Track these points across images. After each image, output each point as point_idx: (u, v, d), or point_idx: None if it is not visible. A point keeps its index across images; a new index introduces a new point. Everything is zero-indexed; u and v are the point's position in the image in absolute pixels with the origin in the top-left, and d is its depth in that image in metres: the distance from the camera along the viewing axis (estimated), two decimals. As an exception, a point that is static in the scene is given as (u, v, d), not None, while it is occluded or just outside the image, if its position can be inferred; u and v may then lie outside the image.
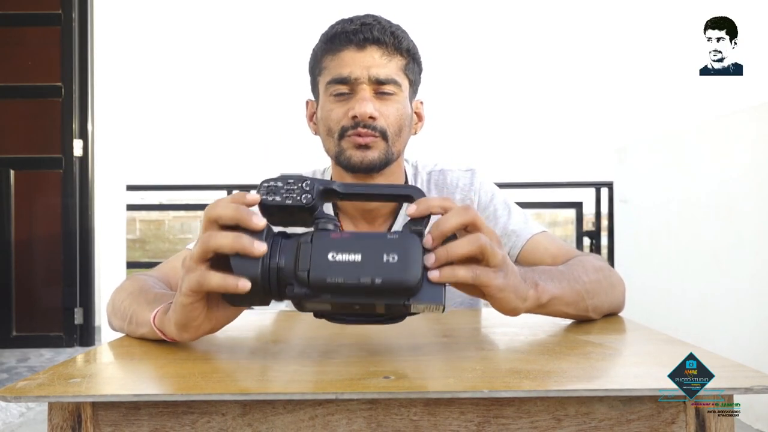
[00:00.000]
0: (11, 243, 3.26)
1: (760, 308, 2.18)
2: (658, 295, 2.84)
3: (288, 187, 0.61)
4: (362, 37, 0.95)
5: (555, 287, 0.71)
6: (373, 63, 0.95)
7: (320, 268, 0.56)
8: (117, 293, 0.83)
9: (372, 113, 0.94)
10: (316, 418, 0.54)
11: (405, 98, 0.99)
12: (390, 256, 0.56)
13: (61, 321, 3.26)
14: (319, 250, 0.56)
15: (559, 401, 0.54)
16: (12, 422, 2.28)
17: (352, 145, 0.95)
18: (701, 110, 2.77)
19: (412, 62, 1.00)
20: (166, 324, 0.66)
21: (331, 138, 0.97)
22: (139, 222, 9.16)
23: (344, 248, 0.56)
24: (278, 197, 0.61)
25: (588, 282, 0.77)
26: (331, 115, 0.96)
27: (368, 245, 0.56)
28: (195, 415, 0.54)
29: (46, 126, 3.28)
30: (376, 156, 0.95)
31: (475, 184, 1.07)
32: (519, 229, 1.01)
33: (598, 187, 4.11)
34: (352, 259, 0.56)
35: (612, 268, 0.89)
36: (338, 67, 0.96)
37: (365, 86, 0.95)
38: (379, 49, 0.95)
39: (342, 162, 0.97)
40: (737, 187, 2.35)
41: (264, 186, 0.61)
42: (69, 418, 0.54)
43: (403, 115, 0.98)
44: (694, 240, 2.65)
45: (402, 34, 0.98)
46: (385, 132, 0.95)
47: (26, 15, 3.29)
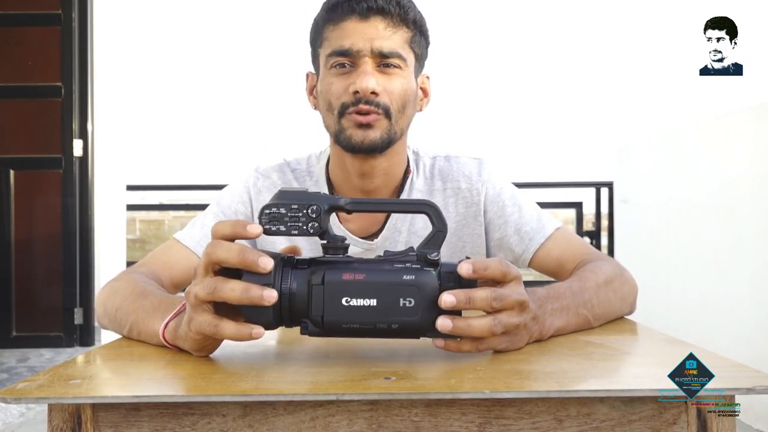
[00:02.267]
0: (11, 243, 3.26)
1: (760, 308, 2.18)
2: (658, 295, 2.84)
3: (292, 215, 0.58)
4: (366, 6, 0.88)
5: (560, 320, 0.70)
6: (376, 34, 0.88)
7: (335, 313, 0.56)
8: (110, 297, 0.80)
9: (374, 88, 0.87)
10: (317, 419, 0.53)
11: (410, 73, 0.93)
12: (406, 300, 0.56)
13: (61, 321, 3.25)
14: (332, 294, 0.56)
15: (561, 402, 0.54)
16: (12, 422, 2.27)
17: (353, 124, 0.89)
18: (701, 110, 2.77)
19: (418, 35, 0.93)
20: (180, 343, 0.64)
21: (331, 114, 0.92)
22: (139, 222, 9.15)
23: (358, 293, 0.55)
24: (282, 227, 0.58)
25: (597, 304, 0.76)
26: (331, 89, 0.90)
27: (383, 288, 0.56)
28: (195, 417, 0.54)
29: (46, 126, 3.28)
30: (378, 135, 0.89)
31: (483, 174, 1.01)
32: (532, 230, 0.97)
33: (598, 187, 4.11)
34: (367, 303, 0.55)
35: (625, 273, 0.86)
36: (339, 38, 0.89)
37: (368, 59, 0.88)
38: (383, 19, 0.89)
39: (342, 142, 0.91)
40: (737, 187, 2.35)
41: (266, 213, 0.58)
42: (69, 419, 0.54)
43: (407, 90, 0.92)
44: (694, 240, 2.65)
45: (408, 3, 0.91)
46: (388, 109, 0.89)
47: (26, 15, 3.29)
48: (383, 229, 0.98)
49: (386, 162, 0.95)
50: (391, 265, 0.58)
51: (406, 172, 1.00)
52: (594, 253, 0.94)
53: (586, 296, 0.75)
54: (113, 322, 0.78)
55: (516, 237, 0.98)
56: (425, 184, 1.01)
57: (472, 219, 0.99)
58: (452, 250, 0.99)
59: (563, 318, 0.71)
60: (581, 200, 4.13)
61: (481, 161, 1.03)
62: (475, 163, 1.02)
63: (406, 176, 1.00)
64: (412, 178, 1.00)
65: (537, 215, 0.99)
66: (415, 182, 1.00)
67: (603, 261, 0.88)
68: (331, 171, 1.00)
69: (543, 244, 0.96)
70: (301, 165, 1.04)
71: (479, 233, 1.00)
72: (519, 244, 0.97)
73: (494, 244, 1.00)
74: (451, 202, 1.00)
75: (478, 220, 0.99)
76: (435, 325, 0.56)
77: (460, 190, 1.00)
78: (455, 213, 1.00)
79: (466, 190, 1.00)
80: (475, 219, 0.99)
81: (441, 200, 1.00)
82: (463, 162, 1.02)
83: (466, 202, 1.00)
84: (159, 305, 0.71)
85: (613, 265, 0.87)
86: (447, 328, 0.56)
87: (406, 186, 0.99)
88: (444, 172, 1.02)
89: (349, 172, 0.96)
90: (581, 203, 4.12)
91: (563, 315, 0.71)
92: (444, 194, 1.00)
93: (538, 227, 0.97)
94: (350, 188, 0.98)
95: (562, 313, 0.71)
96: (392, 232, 0.98)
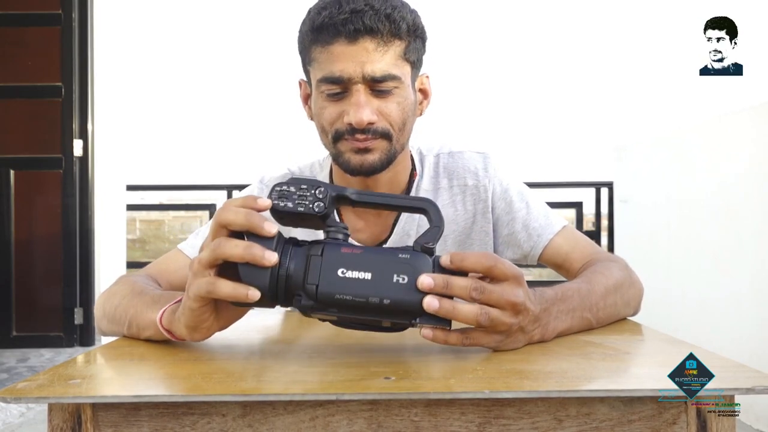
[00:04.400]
0: (11, 243, 3.26)
1: (760, 308, 2.18)
2: (658, 295, 2.84)
3: (300, 193, 0.60)
4: (353, 28, 0.82)
5: (564, 323, 0.71)
6: (367, 57, 0.83)
7: (329, 283, 0.56)
8: (108, 299, 0.80)
9: (370, 119, 0.83)
10: (317, 419, 0.53)
11: (407, 87, 0.88)
12: (400, 277, 0.57)
13: (61, 321, 3.25)
14: (330, 265, 0.57)
15: (560, 402, 0.54)
16: (12, 422, 2.27)
17: (350, 149, 0.86)
18: (701, 110, 2.77)
19: (413, 41, 0.87)
20: (175, 325, 0.65)
21: (326, 137, 0.89)
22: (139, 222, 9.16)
23: (354, 265, 0.57)
24: (290, 203, 0.60)
25: (603, 308, 0.76)
26: (324, 114, 0.87)
27: (379, 263, 0.57)
28: (195, 416, 0.54)
29: (46, 126, 3.28)
30: (377, 158, 0.86)
31: (490, 170, 0.98)
32: (540, 226, 0.96)
33: (598, 187, 4.11)
34: (362, 276, 0.56)
35: (633, 276, 0.86)
36: (328, 62, 0.84)
37: (360, 86, 0.83)
38: (373, 39, 0.83)
39: (341, 164, 0.89)
40: (737, 187, 2.35)
41: (276, 190, 0.60)
42: (69, 419, 0.54)
43: (405, 108, 0.88)
44: (694, 240, 2.65)
45: (399, 14, 0.84)
46: (388, 132, 0.86)
47: (26, 15, 3.29)
48: (392, 234, 0.97)
49: (389, 173, 0.94)
50: (389, 249, 0.59)
51: (411, 175, 0.99)
52: (603, 252, 0.94)
53: (593, 299, 0.75)
54: (112, 321, 0.78)
55: (524, 233, 0.97)
56: (430, 183, 0.99)
57: (480, 216, 0.98)
58: (461, 247, 0.98)
59: (567, 321, 0.71)
60: (581, 200, 4.13)
61: (486, 156, 1.00)
62: (480, 158, 1.00)
63: (412, 180, 0.99)
64: (418, 181, 0.99)
65: (544, 212, 0.98)
66: (421, 184, 0.99)
67: (612, 262, 0.87)
68: (335, 180, 1.00)
69: (552, 239, 0.95)
70: (304, 173, 1.03)
71: (487, 230, 0.98)
72: (527, 240, 0.97)
73: (502, 240, 0.99)
74: (458, 200, 0.99)
75: (487, 217, 0.98)
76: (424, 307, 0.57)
77: (467, 187, 0.99)
78: (463, 211, 0.98)
79: (473, 186, 0.98)
80: (484, 216, 0.98)
81: (448, 198, 0.98)
82: (467, 157, 1.00)
83: (474, 199, 0.98)
84: (159, 299, 0.72)
85: (622, 267, 0.86)
86: (433, 306, 0.57)
87: (412, 190, 0.98)
88: (449, 169, 0.99)
89: (352, 184, 0.94)
90: (581, 203, 4.11)
91: (568, 318, 0.71)
92: (450, 192, 0.99)
93: (546, 223, 0.96)
94: None
95: (567, 316, 0.71)
96: (401, 236, 0.97)
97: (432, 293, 0.57)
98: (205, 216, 4.69)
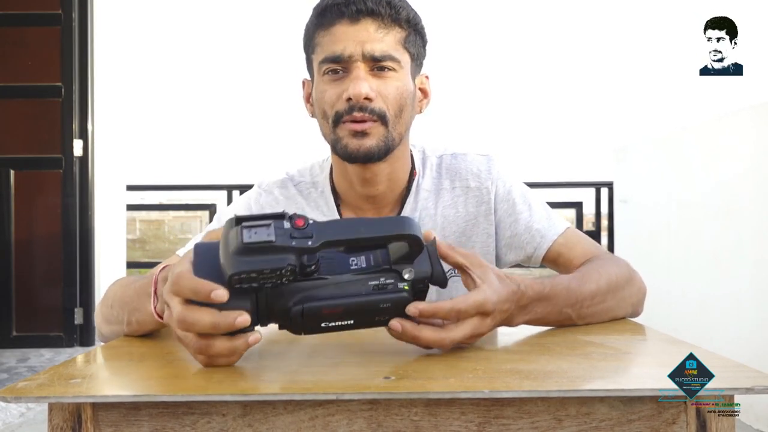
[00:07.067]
0: (11, 243, 3.26)
1: (760, 308, 2.18)
2: (658, 295, 2.83)
3: (263, 277, 0.55)
4: (355, 8, 0.86)
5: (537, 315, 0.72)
6: (367, 37, 0.86)
7: (314, 330, 0.60)
8: (104, 304, 0.81)
9: (367, 93, 0.85)
10: (317, 419, 0.54)
11: (406, 74, 0.90)
12: (381, 317, 0.61)
13: (61, 321, 3.26)
14: (312, 322, 0.59)
15: (560, 401, 0.54)
16: (12, 422, 2.27)
17: (348, 133, 0.87)
18: (701, 110, 2.77)
19: (413, 34, 0.91)
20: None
21: (327, 123, 0.90)
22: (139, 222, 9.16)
23: (337, 318, 0.60)
24: (255, 284, 0.56)
25: (589, 305, 0.77)
26: (325, 97, 0.89)
27: (361, 312, 0.60)
28: (195, 416, 0.54)
29: (46, 126, 3.28)
30: (374, 143, 0.87)
31: (493, 172, 0.98)
32: (543, 228, 0.96)
33: (598, 187, 4.11)
34: (345, 323, 0.60)
35: (634, 276, 0.86)
36: (330, 43, 0.88)
37: (360, 64, 0.86)
38: (374, 21, 0.87)
39: (339, 151, 0.90)
40: (737, 188, 2.35)
41: (235, 278, 0.55)
42: (69, 418, 0.54)
43: (403, 93, 0.89)
44: (694, 240, 2.65)
45: (400, 3, 0.89)
46: (384, 115, 0.87)
47: (26, 15, 3.29)
48: None
49: (388, 168, 0.94)
50: (367, 285, 0.60)
51: (411, 174, 0.99)
52: (606, 253, 0.93)
53: (578, 295, 0.75)
54: (113, 322, 0.78)
55: (527, 235, 0.96)
56: (432, 183, 0.99)
57: (482, 218, 0.98)
58: (462, 248, 0.98)
59: (541, 314, 0.72)
60: (581, 200, 4.13)
61: (490, 158, 1.01)
62: (484, 160, 1.00)
63: (412, 179, 0.98)
64: (418, 179, 0.99)
65: (547, 214, 0.98)
66: (422, 183, 0.99)
67: (611, 262, 0.87)
68: (335, 180, 0.99)
69: (555, 241, 0.95)
70: (304, 177, 1.02)
71: (490, 232, 0.98)
72: (530, 242, 0.96)
73: (504, 242, 0.98)
74: (460, 201, 0.98)
75: (489, 219, 0.98)
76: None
77: (470, 189, 0.98)
78: (465, 212, 0.98)
79: (475, 188, 0.98)
80: (486, 218, 0.98)
81: (450, 199, 0.98)
82: (470, 159, 1.00)
83: (476, 200, 0.98)
84: (147, 287, 0.71)
85: (622, 267, 0.85)
86: (397, 331, 0.61)
87: (412, 189, 0.98)
88: (452, 170, 1.00)
89: (352, 180, 0.95)
90: (581, 203, 4.12)
91: (545, 312, 0.73)
92: (453, 193, 0.99)
93: (549, 225, 0.96)
94: (354, 196, 0.97)
95: (543, 309, 0.72)
96: None
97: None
98: (205, 216, 4.69)
